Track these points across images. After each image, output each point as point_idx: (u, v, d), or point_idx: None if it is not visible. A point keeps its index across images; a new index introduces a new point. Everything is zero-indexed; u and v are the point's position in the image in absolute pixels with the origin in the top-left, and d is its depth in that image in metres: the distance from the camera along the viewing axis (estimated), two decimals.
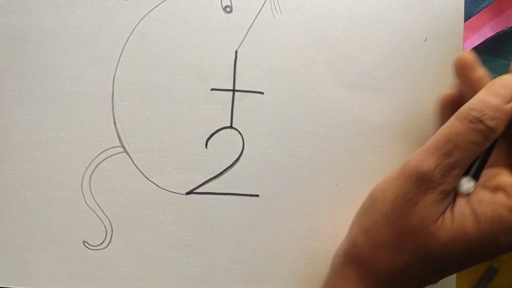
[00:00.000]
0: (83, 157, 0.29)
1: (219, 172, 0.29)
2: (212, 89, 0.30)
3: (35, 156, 0.29)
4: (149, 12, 0.30)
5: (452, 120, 0.22)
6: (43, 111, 0.30)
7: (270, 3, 0.30)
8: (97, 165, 0.29)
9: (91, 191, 0.29)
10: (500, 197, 0.22)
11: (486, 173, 0.23)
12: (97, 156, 0.29)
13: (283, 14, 0.30)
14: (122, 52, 0.30)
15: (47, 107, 0.30)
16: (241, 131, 0.30)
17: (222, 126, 0.30)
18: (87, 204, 0.29)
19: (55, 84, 0.30)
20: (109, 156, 0.29)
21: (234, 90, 0.30)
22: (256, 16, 0.30)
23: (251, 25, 0.30)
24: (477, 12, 0.32)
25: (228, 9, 0.30)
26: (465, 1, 0.31)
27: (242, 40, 0.30)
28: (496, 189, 0.22)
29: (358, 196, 0.28)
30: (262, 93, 0.30)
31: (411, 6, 0.31)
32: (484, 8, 0.32)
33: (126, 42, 0.30)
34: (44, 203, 0.29)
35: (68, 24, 0.30)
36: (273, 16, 0.30)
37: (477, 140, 0.21)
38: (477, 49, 0.34)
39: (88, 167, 0.29)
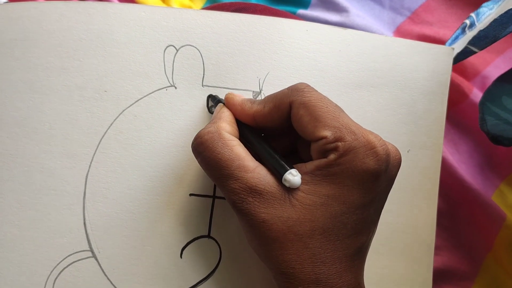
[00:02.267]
0: (48, 260, 0.27)
1: (192, 284, 0.28)
2: (191, 194, 0.28)
3: None
4: (129, 106, 0.29)
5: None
6: (9, 204, 0.28)
7: None
8: (63, 269, 0.27)
9: None
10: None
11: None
12: (63, 259, 0.27)
13: None
14: (97, 147, 0.28)
15: (13, 200, 0.28)
16: (219, 241, 0.28)
17: (199, 235, 0.28)
18: None
19: (24, 176, 0.28)
20: (76, 261, 0.27)
21: (214, 197, 0.28)
22: None
23: None
24: (503, 36, 0.31)
25: (213, 109, 0.29)
26: (490, 25, 0.30)
27: None
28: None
29: None
30: None
31: (396, 116, 0.31)
32: (510, 32, 0.31)
33: (103, 137, 0.28)
34: None
35: (42, 112, 0.28)
36: None
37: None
38: (507, 78, 0.33)
39: (52, 271, 0.27)
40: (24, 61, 0.29)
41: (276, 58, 0.30)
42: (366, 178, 0.21)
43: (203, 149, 0.23)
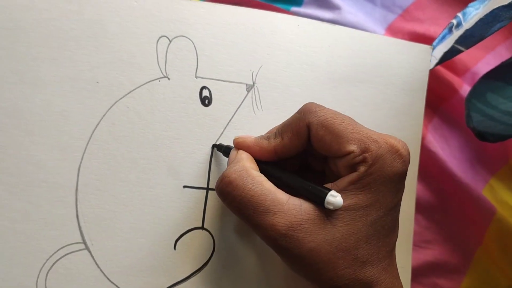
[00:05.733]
0: (40, 252, 0.27)
1: (186, 275, 0.28)
2: (184, 186, 0.28)
3: None
4: (122, 98, 0.28)
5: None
6: (0, 196, 0.27)
7: (252, 97, 0.29)
8: (55, 261, 0.27)
9: None
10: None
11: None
12: (56, 252, 0.27)
13: (264, 110, 0.29)
14: (90, 139, 0.28)
15: (4, 192, 0.27)
16: (212, 232, 0.28)
17: (192, 227, 0.28)
18: None
19: (15, 168, 0.28)
20: (69, 253, 0.27)
21: (208, 189, 0.28)
22: (236, 111, 0.29)
23: (230, 120, 0.29)
24: (488, 35, 0.32)
25: (206, 101, 0.29)
26: (476, 24, 0.31)
27: (220, 136, 0.28)
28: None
29: None
30: None
31: (380, 111, 0.32)
32: (495, 31, 0.31)
33: (95, 128, 0.28)
34: None
35: (32, 102, 0.28)
36: (254, 111, 0.29)
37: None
38: (493, 75, 0.33)
39: (45, 263, 0.27)
40: (13, 50, 0.28)
41: (268, 51, 0.30)
42: (397, 180, 0.22)
43: (232, 188, 0.23)
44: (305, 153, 0.26)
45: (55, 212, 0.27)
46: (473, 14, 0.33)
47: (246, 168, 0.23)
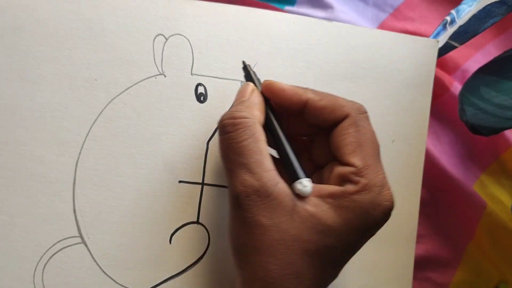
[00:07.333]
0: (37, 246, 0.28)
1: (181, 269, 0.28)
2: (180, 181, 0.29)
3: None
4: (119, 95, 0.29)
5: None
6: None
7: None
8: (52, 255, 0.28)
9: (43, 284, 0.27)
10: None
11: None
12: (53, 245, 0.28)
13: None
14: (87, 135, 0.29)
15: (2, 187, 0.28)
16: (207, 227, 0.28)
17: (188, 221, 0.28)
18: None
19: (14, 163, 0.28)
20: (65, 247, 0.28)
21: (203, 184, 0.29)
22: (231, 107, 0.29)
23: None
24: (481, 31, 0.32)
25: (202, 98, 0.29)
26: (470, 20, 0.31)
27: (215, 131, 0.29)
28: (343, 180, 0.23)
29: None
30: None
31: (381, 107, 0.32)
32: (488, 27, 0.31)
33: (93, 124, 0.29)
34: None
35: (32, 100, 0.29)
36: None
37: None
38: (486, 70, 0.33)
39: (42, 257, 0.28)
40: (15, 49, 0.29)
41: (263, 49, 0.30)
42: (371, 227, 0.22)
43: (232, 129, 0.22)
44: (311, 139, 0.26)
45: (53, 207, 0.28)
46: (466, 11, 0.33)
47: (255, 119, 0.23)
